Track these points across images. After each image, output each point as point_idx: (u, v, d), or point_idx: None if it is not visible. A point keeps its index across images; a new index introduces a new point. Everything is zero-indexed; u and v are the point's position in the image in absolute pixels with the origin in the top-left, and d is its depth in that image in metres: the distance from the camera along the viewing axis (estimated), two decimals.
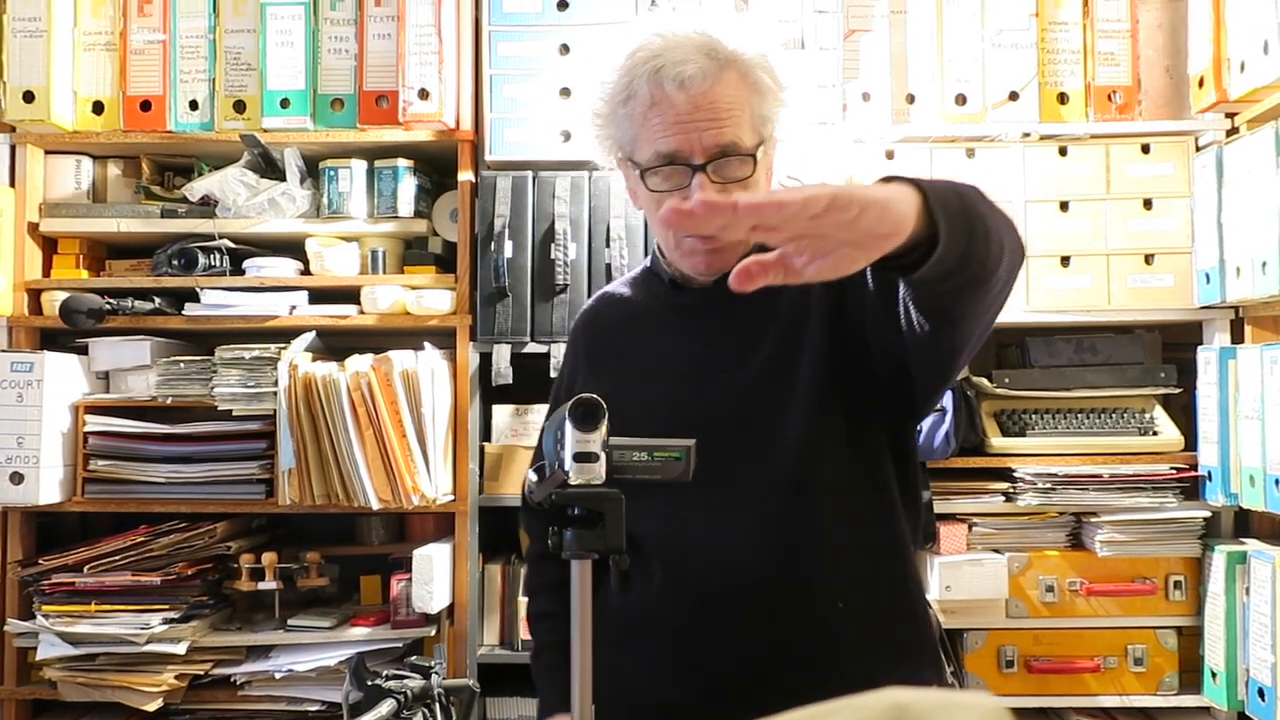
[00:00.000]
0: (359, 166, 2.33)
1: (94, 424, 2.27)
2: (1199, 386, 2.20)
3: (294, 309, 2.30)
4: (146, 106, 2.34)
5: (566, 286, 2.26)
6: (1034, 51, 2.27)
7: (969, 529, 2.21)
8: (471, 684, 1.73)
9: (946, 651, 1.36)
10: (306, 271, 2.33)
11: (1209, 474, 2.15)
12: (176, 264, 2.30)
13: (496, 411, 2.35)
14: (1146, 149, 2.25)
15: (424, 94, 2.26)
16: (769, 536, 1.22)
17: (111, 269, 2.46)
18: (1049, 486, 2.19)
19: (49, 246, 2.39)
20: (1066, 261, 2.23)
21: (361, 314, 2.30)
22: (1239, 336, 2.21)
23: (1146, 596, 2.19)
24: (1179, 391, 2.27)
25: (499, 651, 2.29)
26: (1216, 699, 2.10)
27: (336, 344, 2.37)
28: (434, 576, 2.17)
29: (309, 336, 2.27)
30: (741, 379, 1.25)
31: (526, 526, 1.59)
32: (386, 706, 1.54)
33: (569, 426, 1.08)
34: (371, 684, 1.57)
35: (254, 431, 2.25)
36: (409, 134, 2.30)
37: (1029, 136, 2.27)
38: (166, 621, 2.15)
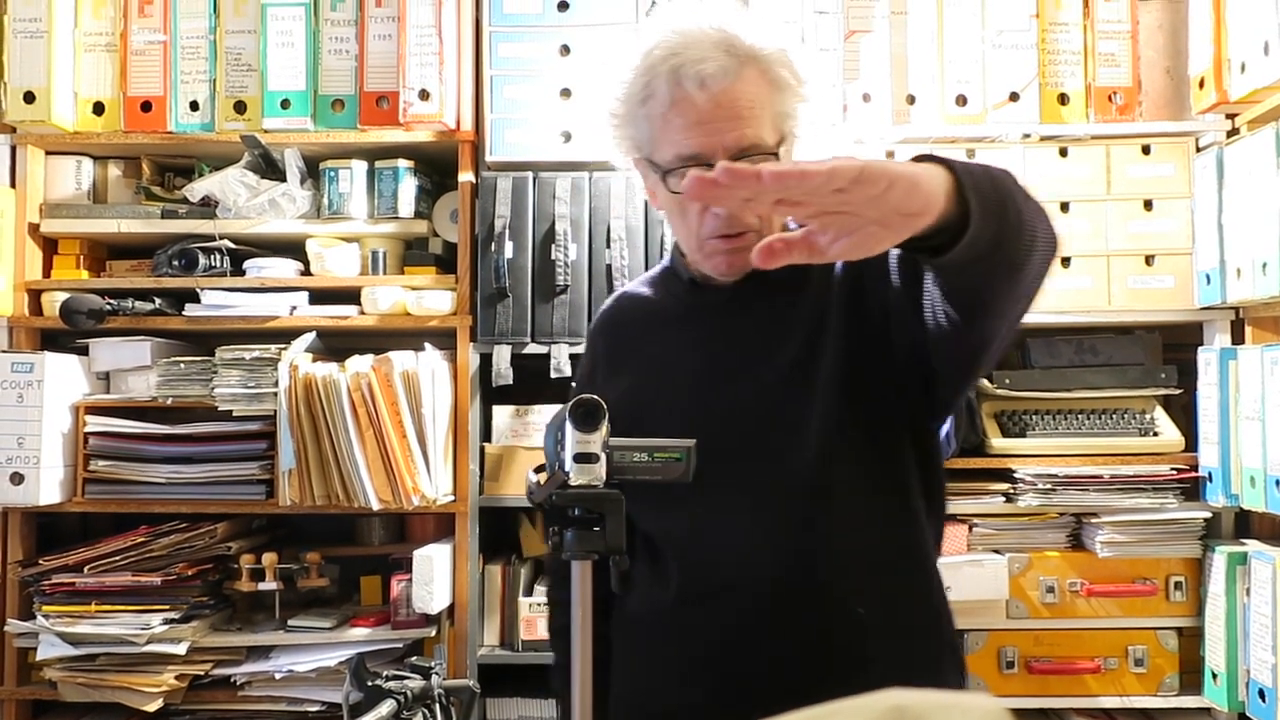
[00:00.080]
0: (359, 167, 2.33)
1: (94, 424, 2.27)
2: (1199, 387, 2.20)
3: (294, 310, 2.30)
4: (147, 107, 2.34)
5: (567, 287, 2.26)
6: (1034, 52, 2.27)
7: (969, 529, 2.21)
8: (471, 684, 1.73)
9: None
10: (307, 272, 2.33)
11: (1209, 475, 2.15)
12: (177, 264, 2.30)
13: (497, 412, 2.35)
14: (1147, 150, 2.25)
15: (424, 95, 2.26)
16: (788, 539, 1.19)
17: (112, 269, 2.46)
18: (1049, 487, 2.19)
19: (49, 247, 2.39)
20: (1067, 262, 2.23)
21: (362, 315, 2.30)
22: (1239, 337, 2.21)
23: (1147, 597, 2.18)
24: (1179, 392, 2.27)
25: (499, 652, 2.29)
26: (1217, 700, 2.10)
27: (337, 345, 2.38)
28: (434, 577, 2.17)
29: (309, 337, 2.27)
30: (762, 380, 1.23)
31: (550, 537, 1.58)
32: (387, 707, 1.54)
33: (569, 427, 1.08)
34: (372, 684, 1.57)
35: (254, 432, 2.25)
36: (409, 135, 2.30)
37: (1029, 137, 2.27)
38: (167, 622, 2.15)
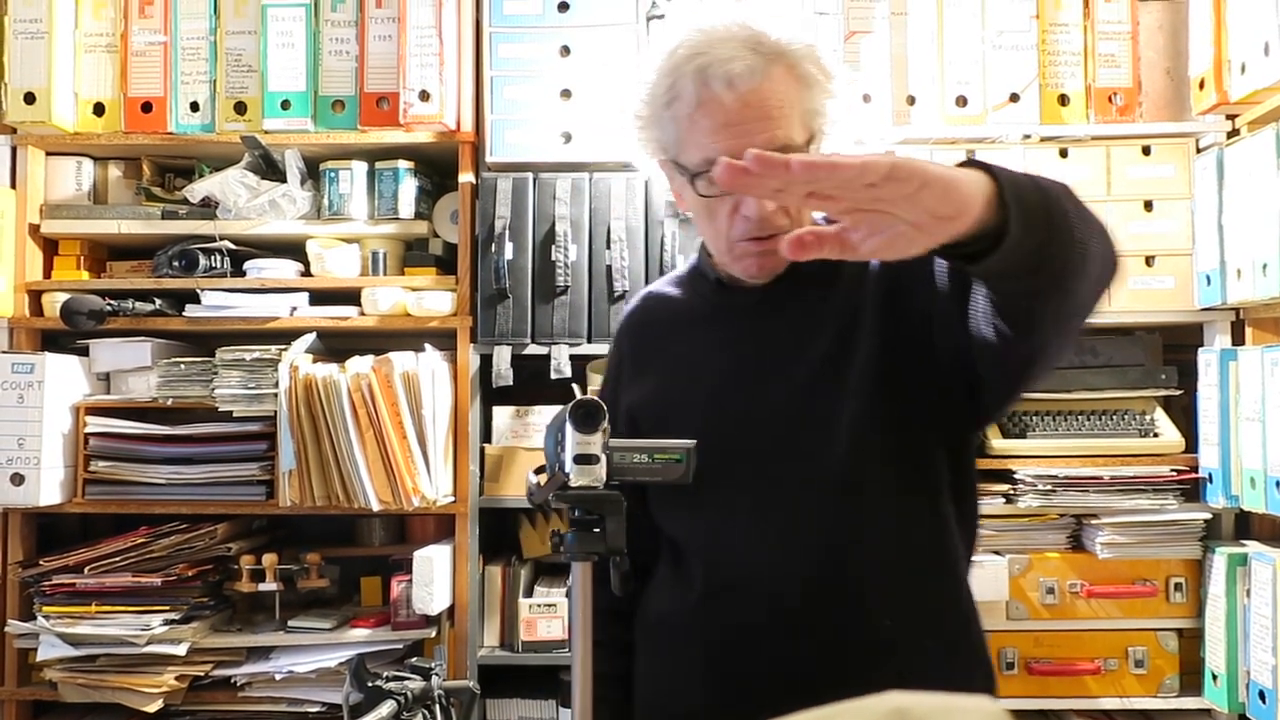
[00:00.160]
0: (359, 168, 2.33)
1: (95, 425, 2.27)
2: (1199, 388, 2.20)
3: (294, 310, 2.30)
4: (147, 108, 2.34)
5: (567, 288, 2.26)
6: (1034, 53, 2.27)
7: None
8: (472, 685, 1.73)
9: None
10: (307, 273, 2.33)
11: (1210, 476, 2.15)
12: (177, 265, 2.30)
13: (497, 413, 2.35)
14: (1147, 151, 2.25)
15: (425, 95, 2.26)
16: (817, 537, 1.17)
17: (112, 270, 2.46)
18: (1049, 488, 2.19)
19: (50, 248, 2.39)
20: None
21: (362, 315, 2.30)
22: (1239, 338, 2.21)
23: (1147, 598, 2.18)
24: (1180, 393, 2.27)
25: (499, 653, 2.29)
26: (1217, 701, 2.10)
27: (337, 345, 2.38)
28: (434, 578, 2.17)
29: (309, 338, 2.27)
30: (793, 379, 1.20)
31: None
32: (387, 708, 1.54)
33: (569, 428, 1.08)
34: (372, 685, 1.57)
35: (254, 433, 2.25)
36: (409, 135, 2.30)
37: (1029, 138, 2.27)
38: (167, 623, 2.16)
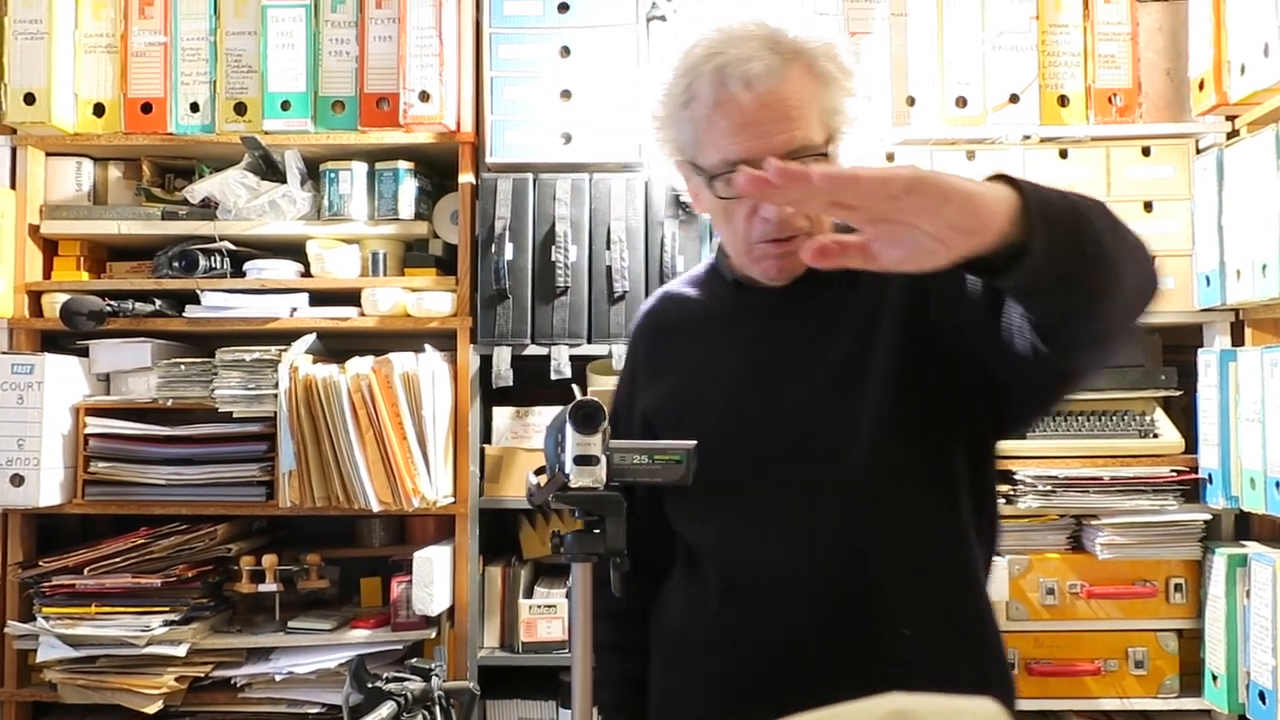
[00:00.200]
0: (359, 169, 2.33)
1: (94, 426, 2.27)
2: (1199, 389, 2.20)
3: (294, 311, 2.30)
4: (147, 108, 2.34)
5: (567, 289, 2.26)
6: (1034, 54, 2.27)
7: None
8: (472, 686, 1.73)
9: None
10: (307, 274, 2.33)
11: (1209, 476, 2.15)
12: (177, 266, 2.30)
13: (497, 414, 2.35)
14: (1147, 152, 2.25)
15: (424, 96, 2.26)
16: (833, 549, 1.15)
17: (112, 271, 2.45)
18: (1049, 489, 2.19)
19: (50, 248, 2.39)
20: None
21: (362, 316, 2.30)
22: (1239, 339, 2.21)
23: (1147, 599, 2.18)
24: (1179, 394, 2.27)
25: (499, 654, 2.28)
26: (1217, 702, 2.10)
27: (337, 346, 2.38)
28: (434, 579, 2.17)
29: (309, 339, 2.27)
30: (812, 380, 1.19)
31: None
32: (387, 709, 1.54)
33: (569, 429, 1.08)
34: (372, 686, 1.57)
35: (254, 434, 2.25)
36: (409, 136, 2.30)
37: (1029, 139, 2.27)
38: (167, 623, 2.15)
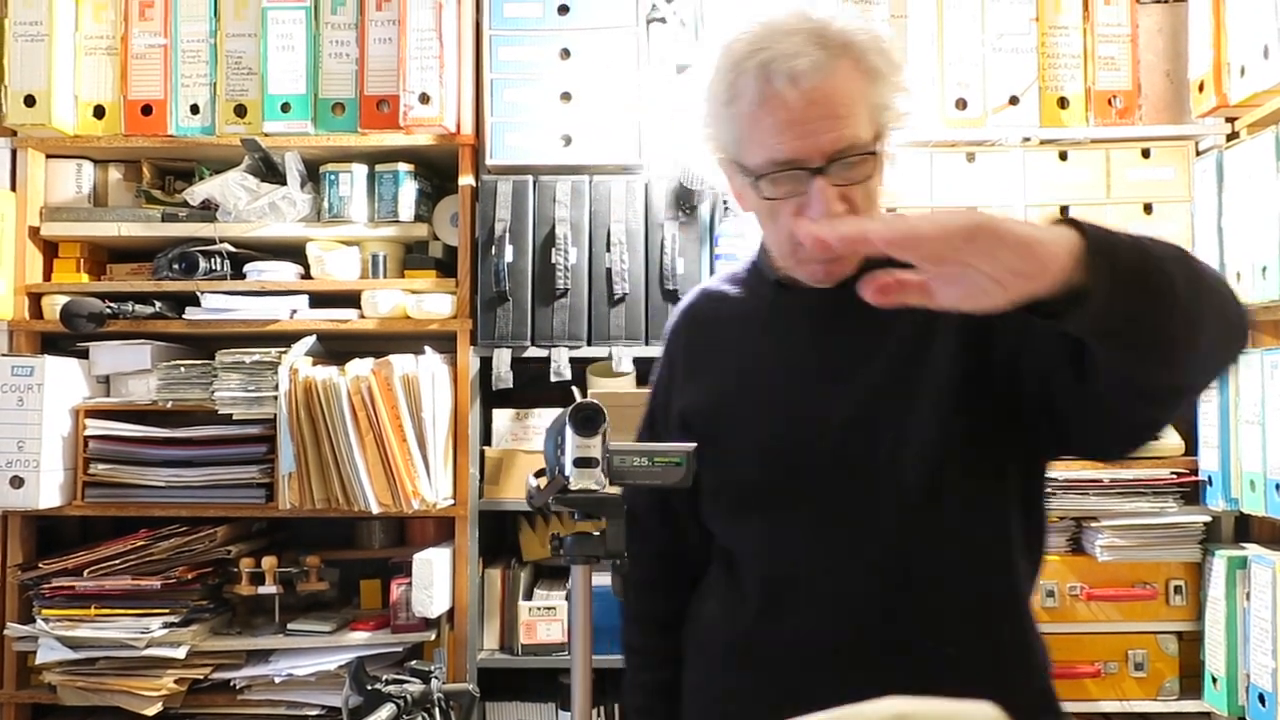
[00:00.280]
0: (359, 171, 2.33)
1: (94, 428, 2.27)
2: None
3: (294, 313, 2.30)
4: (147, 110, 2.34)
5: (567, 291, 2.26)
6: (1034, 56, 2.27)
7: None
8: (471, 689, 1.73)
9: None
10: (307, 276, 2.33)
11: (1209, 479, 2.15)
12: (177, 268, 2.30)
13: (497, 416, 2.35)
14: (1147, 153, 2.25)
15: (425, 98, 2.26)
16: (878, 560, 1.12)
17: (112, 273, 2.45)
18: (1049, 491, 2.18)
19: (50, 250, 2.39)
20: None
21: (362, 318, 2.30)
22: None
23: (1147, 601, 2.18)
24: None
25: (499, 656, 2.28)
26: (1217, 704, 2.10)
27: (337, 348, 2.38)
28: (434, 581, 2.17)
29: (309, 341, 2.27)
30: (856, 390, 1.14)
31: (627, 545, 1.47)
32: (386, 711, 1.54)
33: (569, 432, 1.08)
34: (371, 688, 1.57)
35: (254, 435, 2.25)
36: (410, 138, 2.30)
37: (1029, 141, 2.27)
38: (166, 625, 2.15)
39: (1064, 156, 2.26)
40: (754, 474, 1.15)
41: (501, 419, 2.35)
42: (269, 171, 2.35)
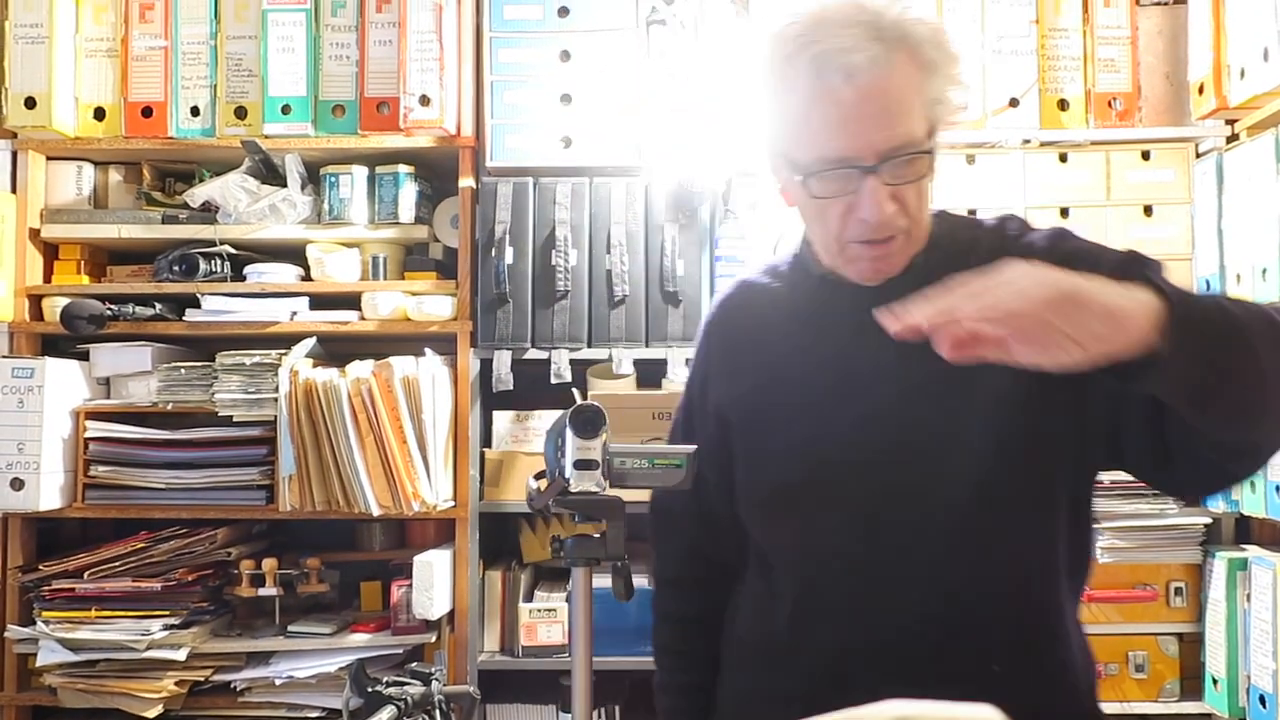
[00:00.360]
0: (360, 172, 2.33)
1: (94, 430, 2.27)
2: None
3: (295, 315, 2.30)
4: (148, 112, 2.34)
5: (567, 293, 2.26)
6: (1034, 58, 2.27)
7: None
8: (472, 691, 1.72)
9: None
10: (307, 277, 2.33)
11: None
12: (177, 270, 2.30)
13: (497, 417, 2.35)
14: (1147, 155, 2.25)
15: (425, 100, 2.26)
16: (918, 568, 1.08)
17: (112, 275, 2.45)
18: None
19: (50, 252, 2.39)
20: None
21: (362, 320, 2.30)
22: None
23: (1147, 603, 2.18)
24: None
25: (499, 658, 2.28)
26: (1218, 706, 2.10)
27: (337, 350, 2.38)
28: (434, 583, 2.17)
29: (310, 342, 2.27)
30: (903, 393, 1.10)
31: (657, 543, 1.37)
32: (387, 713, 1.54)
33: (569, 434, 1.08)
34: (372, 690, 1.57)
35: (255, 437, 2.25)
36: (410, 140, 2.30)
37: (1029, 143, 2.27)
38: (167, 627, 2.15)
39: (1064, 159, 2.26)
40: (792, 472, 1.12)
41: (502, 421, 2.35)
42: (269, 173, 2.35)
